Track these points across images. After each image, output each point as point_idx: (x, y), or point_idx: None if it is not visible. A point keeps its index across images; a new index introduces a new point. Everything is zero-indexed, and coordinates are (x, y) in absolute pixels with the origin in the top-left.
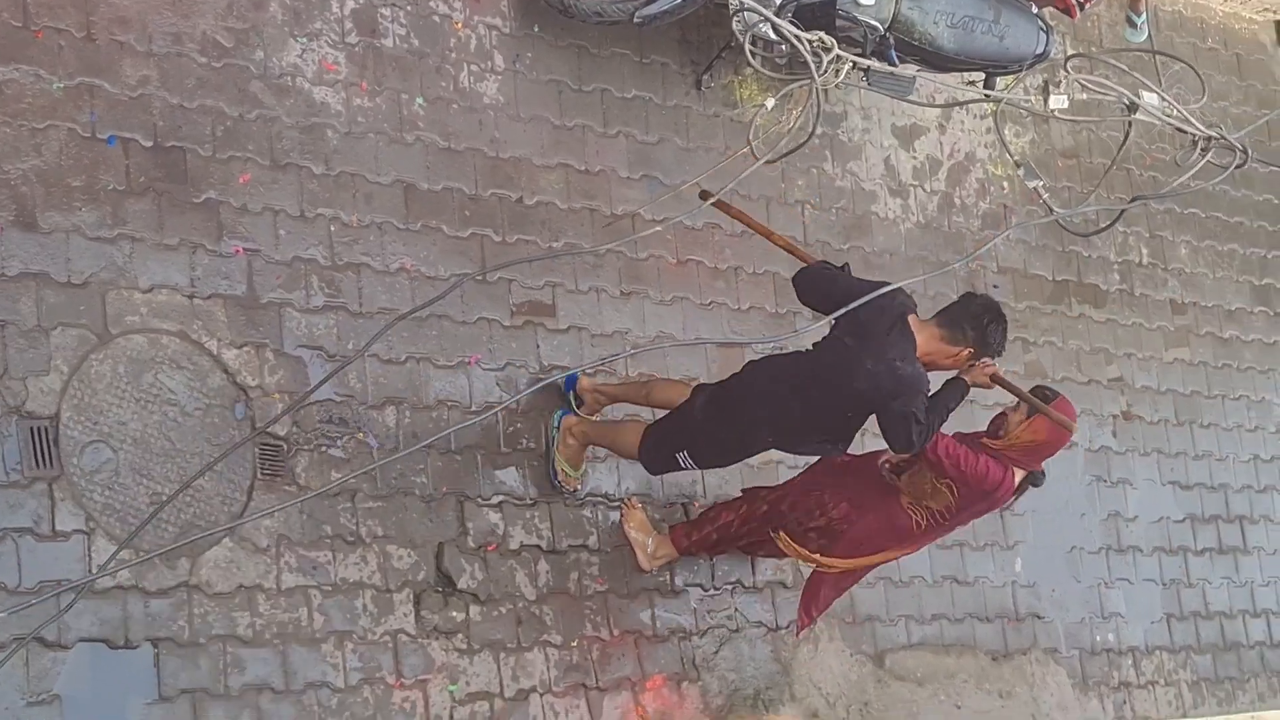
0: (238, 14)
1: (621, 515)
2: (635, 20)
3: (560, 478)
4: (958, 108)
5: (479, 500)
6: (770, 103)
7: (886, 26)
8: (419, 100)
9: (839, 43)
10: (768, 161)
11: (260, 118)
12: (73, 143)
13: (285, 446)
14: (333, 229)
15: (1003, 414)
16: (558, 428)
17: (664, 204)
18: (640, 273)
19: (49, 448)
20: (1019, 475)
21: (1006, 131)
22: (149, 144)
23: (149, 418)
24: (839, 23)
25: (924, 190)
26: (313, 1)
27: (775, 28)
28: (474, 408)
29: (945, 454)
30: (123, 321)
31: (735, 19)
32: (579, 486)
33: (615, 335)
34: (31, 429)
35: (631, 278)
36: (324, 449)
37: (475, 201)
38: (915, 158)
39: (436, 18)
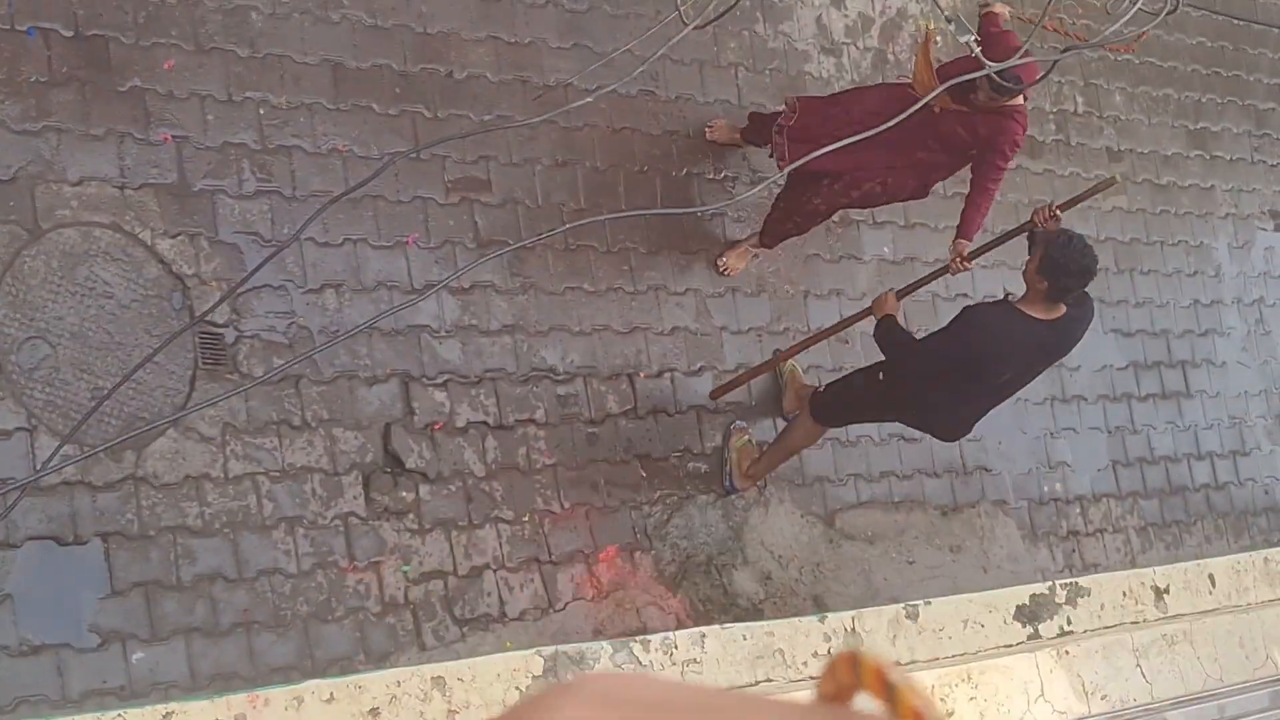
0: None
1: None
2: None
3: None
4: None
5: (424, 380)
6: None
7: None
8: None
9: None
10: (697, 27)
11: (182, 2)
12: None
13: (226, 334)
14: (262, 112)
15: None
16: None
17: (596, 73)
18: (576, 143)
19: None
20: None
21: None
22: (69, 33)
23: (86, 311)
24: None
25: (857, 48)
26: None
27: None
28: (414, 287)
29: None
30: (53, 215)
31: None
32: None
33: (550, 206)
34: None
35: (567, 149)
36: (262, 335)
37: (405, 78)
38: (847, 16)
39: None
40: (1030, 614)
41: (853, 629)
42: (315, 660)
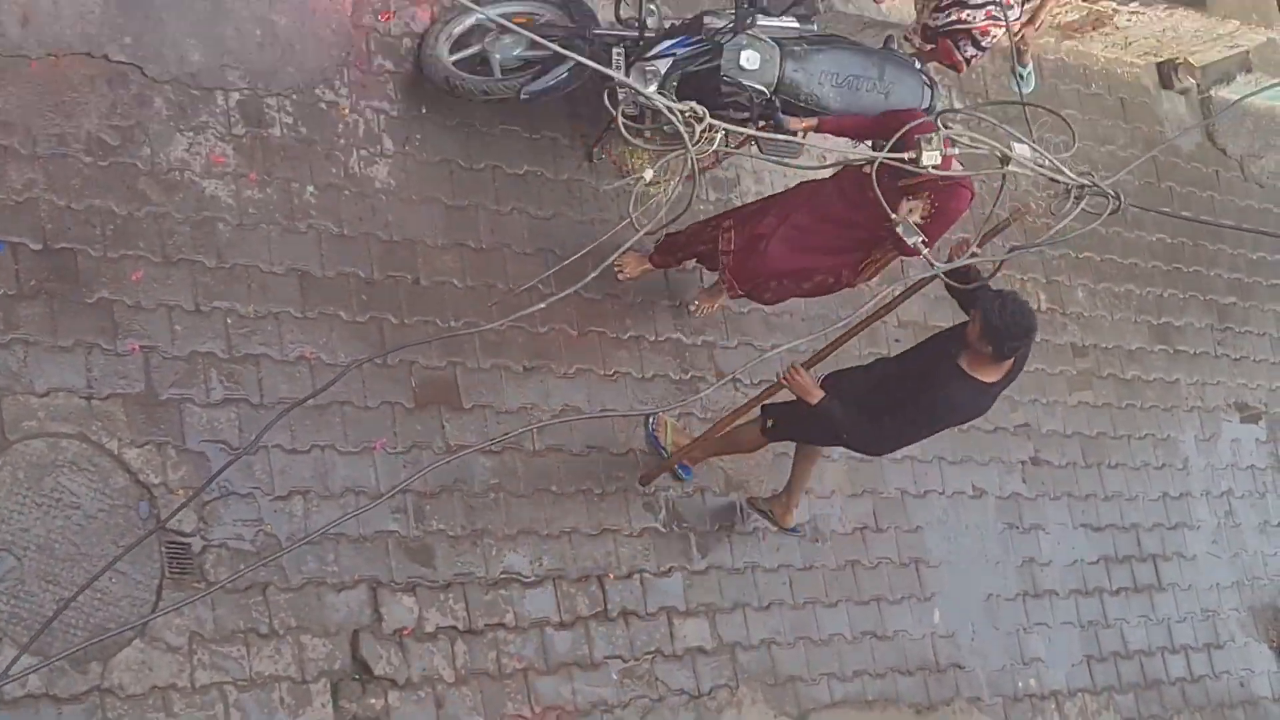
0: (121, 112)
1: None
2: (522, 96)
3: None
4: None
5: (392, 585)
6: (649, 173)
7: (772, 90)
8: (310, 188)
9: (724, 109)
10: (649, 232)
11: (150, 215)
12: None
13: (192, 543)
14: (229, 321)
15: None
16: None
17: (561, 277)
18: (542, 347)
19: None
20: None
21: None
22: (38, 247)
23: (52, 522)
24: (724, 89)
25: None
26: (197, 95)
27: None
28: (381, 492)
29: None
30: (20, 427)
31: (608, 92)
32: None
33: (520, 411)
34: None
35: (534, 353)
36: (230, 544)
37: (372, 285)
38: None
39: (323, 104)
40: None
41: None
42: None
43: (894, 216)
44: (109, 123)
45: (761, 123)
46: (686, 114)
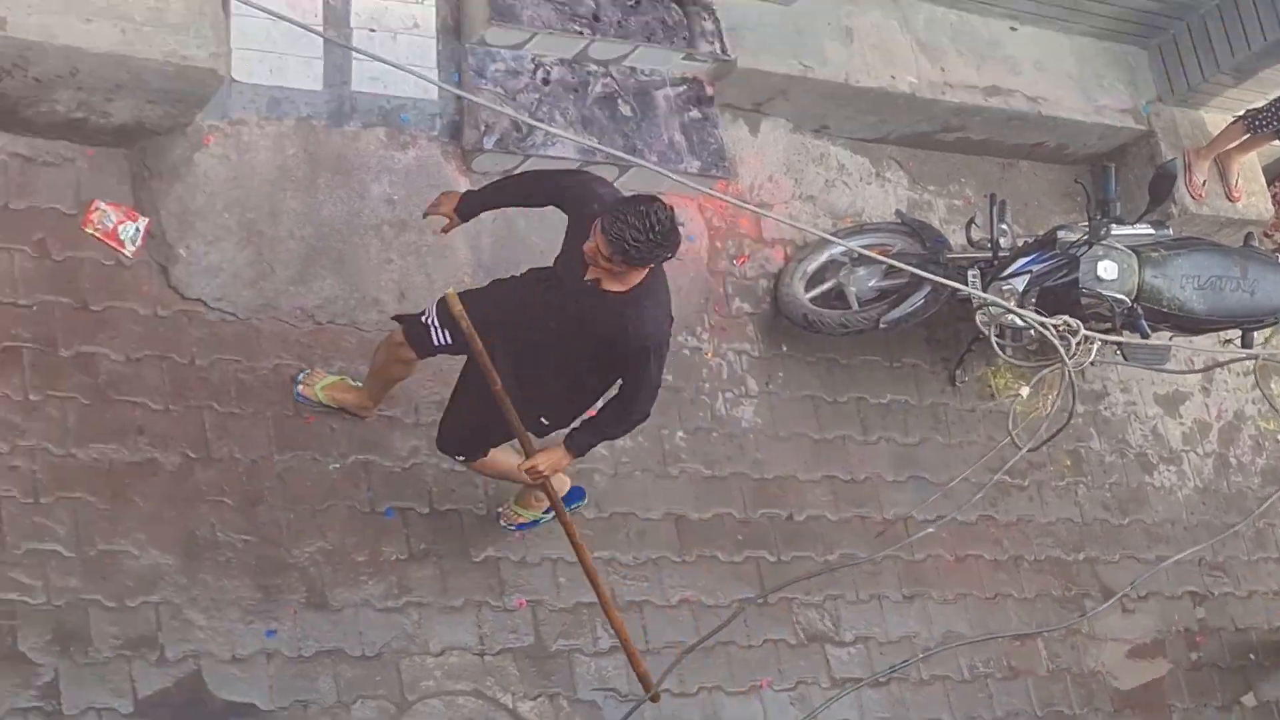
0: None
1: None
2: (880, 326)
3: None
4: (1219, 368)
5: None
6: (1025, 391)
7: (1133, 298)
8: (679, 433)
9: (1085, 321)
10: (1031, 450)
11: None
12: (353, 519)
13: None
14: (610, 569)
15: None
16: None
17: (935, 504)
18: (920, 575)
19: None
20: None
21: (1273, 385)
22: (425, 510)
23: None
24: (1084, 300)
25: (1197, 454)
26: None
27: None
28: None
29: None
30: (419, 687)
31: (979, 313)
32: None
33: (903, 641)
34: None
35: (912, 581)
36: None
37: (746, 524)
38: (1183, 423)
39: (687, 350)
40: None
41: None
42: None
43: None
44: None
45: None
46: (1061, 328)
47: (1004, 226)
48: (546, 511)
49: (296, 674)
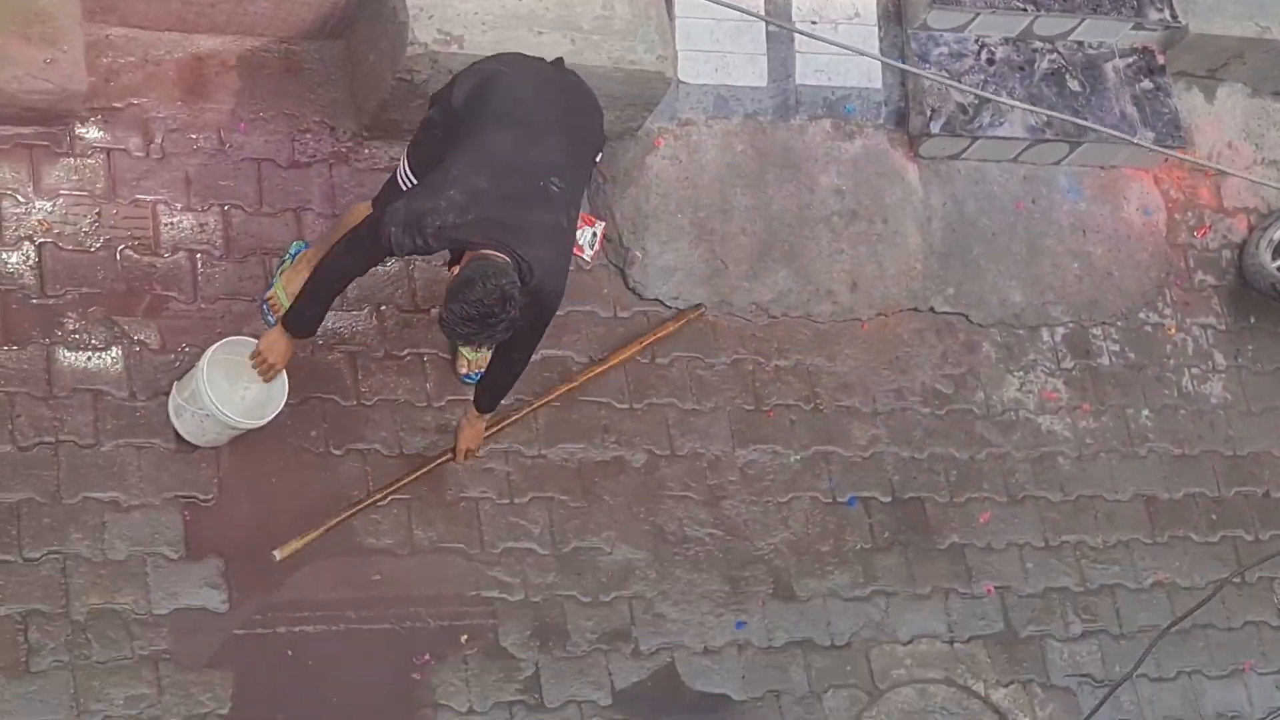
0: (952, 360)
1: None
2: None
3: (270, 300)
4: None
5: None
6: None
7: None
8: (1145, 412)
9: None
10: None
11: (990, 456)
12: (816, 510)
13: None
14: (1078, 554)
15: None
16: (293, 256)
17: None
18: None
19: None
20: None
21: None
22: (887, 499)
23: None
24: None
25: None
26: (1022, 335)
27: None
28: (1257, 717)
29: None
30: (890, 676)
31: None
32: None
33: None
34: None
35: None
36: None
37: (1220, 504)
38: None
39: (1149, 328)
40: None
41: None
42: None
43: None
44: (941, 372)
45: None
46: None
47: None
48: None
49: (767, 664)
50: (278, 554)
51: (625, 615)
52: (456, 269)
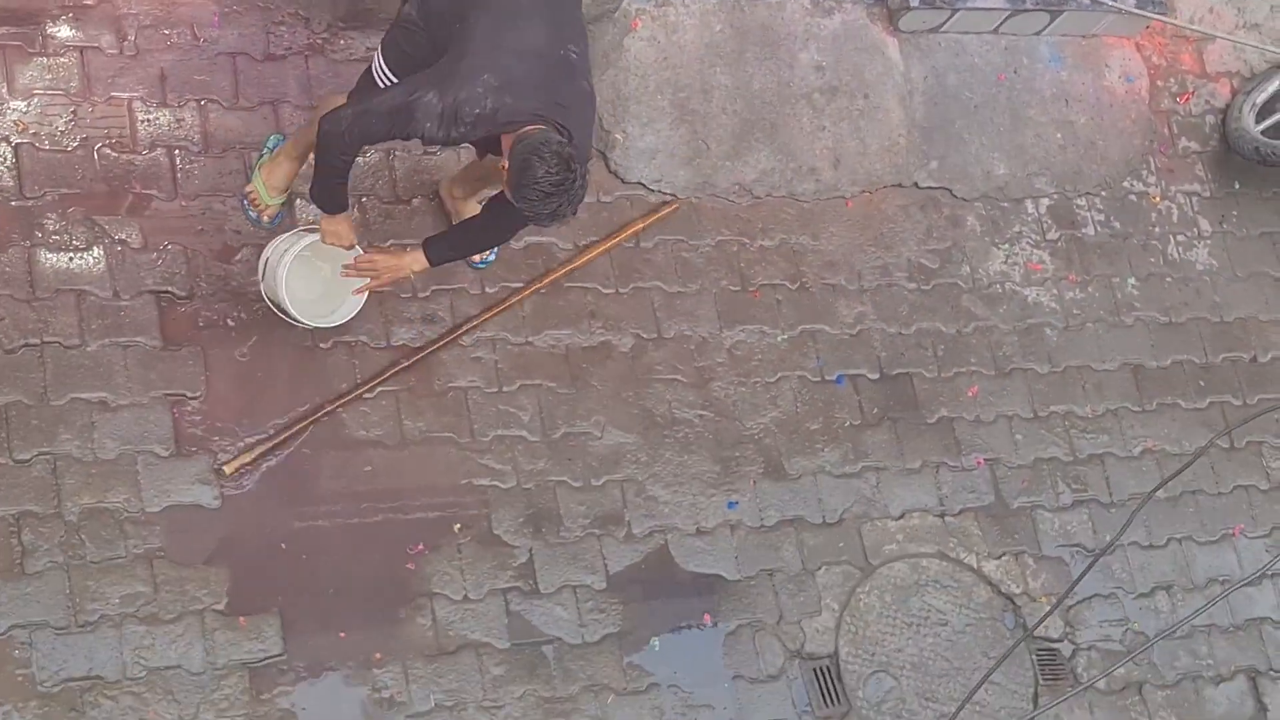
0: (937, 235)
1: None
2: None
3: (250, 194)
4: None
5: (1271, 674)
6: None
7: None
8: (1130, 281)
9: None
10: None
11: (977, 330)
12: (804, 388)
13: (1061, 648)
14: (1067, 424)
15: None
16: (270, 149)
17: None
18: None
19: (834, 685)
20: None
21: None
22: (875, 376)
23: (922, 641)
24: None
25: None
26: (1006, 207)
27: None
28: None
29: None
30: (882, 551)
31: None
32: (270, 216)
33: None
34: (815, 669)
35: None
36: (1099, 645)
37: (1207, 370)
38: None
39: (1133, 196)
40: None
41: None
42: None
43: None
44: (926, 247)
45: None
46: None
47: None
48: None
49: (760, 543)
50: (226, 469)
51: (617, 499)
52: (498, 162)
